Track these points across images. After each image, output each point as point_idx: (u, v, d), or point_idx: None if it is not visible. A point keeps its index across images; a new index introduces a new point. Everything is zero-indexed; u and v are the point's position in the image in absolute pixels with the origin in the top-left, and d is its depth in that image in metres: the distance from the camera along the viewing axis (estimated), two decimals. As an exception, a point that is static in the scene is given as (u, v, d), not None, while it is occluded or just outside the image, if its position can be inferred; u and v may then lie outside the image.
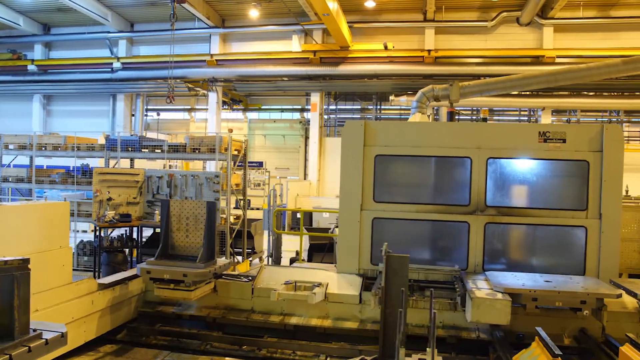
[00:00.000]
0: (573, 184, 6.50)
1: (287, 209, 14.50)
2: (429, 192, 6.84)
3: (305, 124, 27.57)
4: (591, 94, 19.29)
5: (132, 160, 11.58)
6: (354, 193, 6.80)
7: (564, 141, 6.41)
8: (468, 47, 20.49)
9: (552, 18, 19.35)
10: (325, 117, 23.58)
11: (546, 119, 20.12)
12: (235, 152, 10.43)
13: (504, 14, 19.81)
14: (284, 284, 6.43)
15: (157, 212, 9.20)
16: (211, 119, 22.51)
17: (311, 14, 20.37)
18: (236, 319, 6.56)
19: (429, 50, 20.36)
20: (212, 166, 21.09)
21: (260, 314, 6.63)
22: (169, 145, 10.24)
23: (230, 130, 26.73)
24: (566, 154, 6.41)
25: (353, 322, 6.43)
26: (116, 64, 22.16)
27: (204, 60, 21.70)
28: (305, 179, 26.08)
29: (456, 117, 8.17)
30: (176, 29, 22.51)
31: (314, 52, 21.05)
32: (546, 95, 19.33)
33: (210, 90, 22.32)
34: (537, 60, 19.58)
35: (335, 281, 6.67)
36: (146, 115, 24.30)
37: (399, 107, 22.63)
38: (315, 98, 21.95)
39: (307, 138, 27.14)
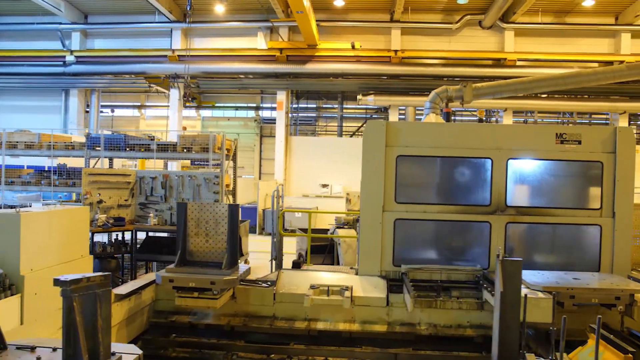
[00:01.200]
0: (588, 184, 6.73)
1: (299, 210, 14.22)
2: (450, 192, 6.86)
3: (260, 122, 27.31)
4: (544, 96, 20.22)
5: (111, 159, 10.90)
6: (376, 194, 6.71)
7: (580, 143, 6.61)
8: (433, 48, 20.94)
9: (514, 22, 20.12)
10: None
11: (507, 119, 20.90)
12: (226, 152, 10.07)
13: (468, 17, 20.38)
14: (311, 288, 6.24)
15: (151, 215, 8.68)
16: (173, 116, 21.74)
17: (278, 11, 20.12)
18: (259, 326, 6.30)
19: (396, 51, 20.63)
20: (173, 166, 20.39)
21: (283, 320, 6.40)
22: (158, 145, 9.70)
23: (184, 128, 25.95)
24: (581, 154, 6.62)
25: (381, 325, 6.34)
26: (69, 57, 20.89)
27: (165, 56, 20.94)
28: (260, 178, 25.81)
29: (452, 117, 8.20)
30: (135, 22, 21.73)
31: (281, 49, 20.81)
32: (506, 97, 20.03)
33: (171, 86, 21.53)
34: (498, 62, 20.32)
35: (359, 284, 6.55)
36: (101, 112, 23.11)
37: (365, 107, 22.83)
38: (281, 96, 21.65)
39: (262, 137, 26.89)
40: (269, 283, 6.63)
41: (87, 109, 22.48)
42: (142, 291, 6.28)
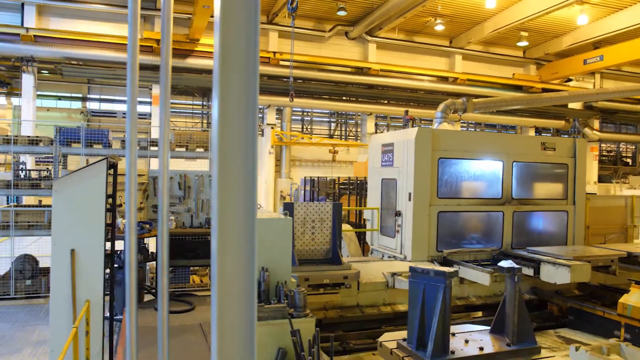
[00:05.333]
0: (560, 180, 8.98)
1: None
2: (475, 188, 8.38)
3: (88, 114, 25.24)
4: (403, 103, 23.55)
5: (65, 157, 9.33)
6: (425, 191, 7.85)
7: (554, 149, 8.82)
8: (305, 52, 22.33)
9: (376, 37, 22.82)
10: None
11: (370, 122, 23.56)
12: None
13: (339, 27, 22.35)
14: (396, 275, 7.06)
15: (172, 218, 7.98)
16: (26, 106, 18.69)
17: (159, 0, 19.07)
18: (353, 315, 6.87)
19: (274, 52, 21.43)
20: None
21: (370, 307, 7.08)
22: (151, 142, 8.81)
23: (-5, 118, 22.53)
24: (556, 158, 8.84)
25: (444, 301, 7.52)
26: None
27: (17, 34, 17.87)
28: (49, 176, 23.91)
29: (415, 125, 9.83)
30: (-24, -10, 17.99)
31: (158, 40, 19.67)
32: (372, 102, 22.70)
33: (24, 71, 18.50)
34: (361, 70, 22.78)
35: (419, 269, 7.61)
36: None
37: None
38: (157, 90, 20.45)
39: None
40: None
41: None
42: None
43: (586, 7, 19.01)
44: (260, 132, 23.51)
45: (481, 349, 3.28)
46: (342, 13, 20.51)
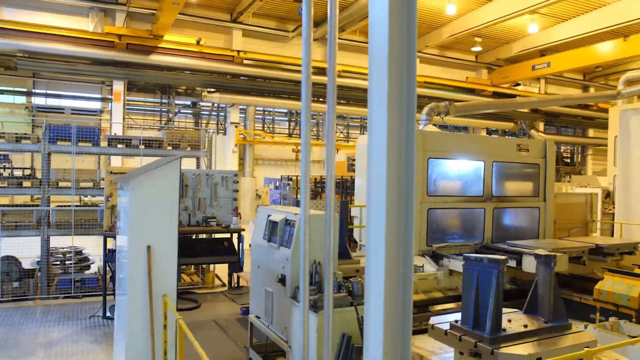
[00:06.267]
0: (532, 179, 9.72)
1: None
2: (459, 186, 8.94)
3: (33, 110, 24.34)
4: (362, 103, 24.20)
5: (49, 155, 8.98)
6: (417, 189, 8.32)
7: (528, 150, 9.55)
8: (269, 52, 22.51)
9: (340, 38, 23.28)
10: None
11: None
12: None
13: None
14: (395, 269, 7.48)
15: None
16: (-23, 100, 17.71)
17: (121, -6, 18.66)
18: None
19: (238, 51, 21.44)
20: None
21: (370, 300, 7.45)
22: (143, 140, 8.68)
23: None
24: (529, 159, 9.57)
25: (437, 292, 8.02)
26: None
27: (-31, 25, 16.98)
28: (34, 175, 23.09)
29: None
30: None
31: (120, 36, 19.23)
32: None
33: (-25, 64, 17.56)
34: (323, 71, 23.14)
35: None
36: None
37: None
38: (118, 87, 19.97)
39: (34, 127, 24.01)
40: (349, 270, 7.53)
41: None
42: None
43: (536, 17, 20.32)
44: (222, 131, 23.41)
45: (525, 326, 3.72)
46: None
